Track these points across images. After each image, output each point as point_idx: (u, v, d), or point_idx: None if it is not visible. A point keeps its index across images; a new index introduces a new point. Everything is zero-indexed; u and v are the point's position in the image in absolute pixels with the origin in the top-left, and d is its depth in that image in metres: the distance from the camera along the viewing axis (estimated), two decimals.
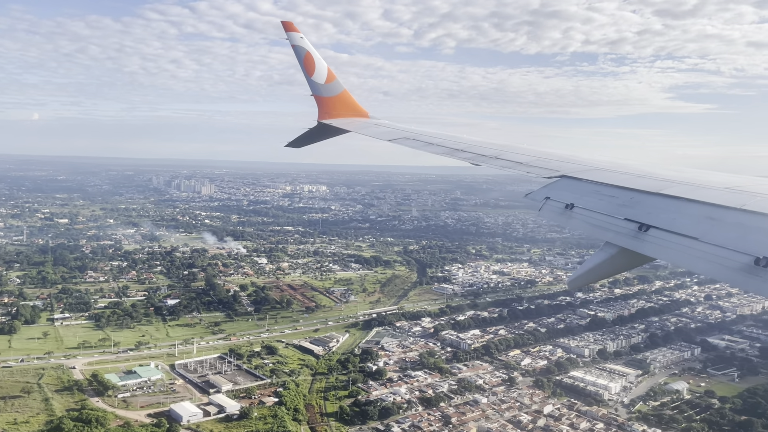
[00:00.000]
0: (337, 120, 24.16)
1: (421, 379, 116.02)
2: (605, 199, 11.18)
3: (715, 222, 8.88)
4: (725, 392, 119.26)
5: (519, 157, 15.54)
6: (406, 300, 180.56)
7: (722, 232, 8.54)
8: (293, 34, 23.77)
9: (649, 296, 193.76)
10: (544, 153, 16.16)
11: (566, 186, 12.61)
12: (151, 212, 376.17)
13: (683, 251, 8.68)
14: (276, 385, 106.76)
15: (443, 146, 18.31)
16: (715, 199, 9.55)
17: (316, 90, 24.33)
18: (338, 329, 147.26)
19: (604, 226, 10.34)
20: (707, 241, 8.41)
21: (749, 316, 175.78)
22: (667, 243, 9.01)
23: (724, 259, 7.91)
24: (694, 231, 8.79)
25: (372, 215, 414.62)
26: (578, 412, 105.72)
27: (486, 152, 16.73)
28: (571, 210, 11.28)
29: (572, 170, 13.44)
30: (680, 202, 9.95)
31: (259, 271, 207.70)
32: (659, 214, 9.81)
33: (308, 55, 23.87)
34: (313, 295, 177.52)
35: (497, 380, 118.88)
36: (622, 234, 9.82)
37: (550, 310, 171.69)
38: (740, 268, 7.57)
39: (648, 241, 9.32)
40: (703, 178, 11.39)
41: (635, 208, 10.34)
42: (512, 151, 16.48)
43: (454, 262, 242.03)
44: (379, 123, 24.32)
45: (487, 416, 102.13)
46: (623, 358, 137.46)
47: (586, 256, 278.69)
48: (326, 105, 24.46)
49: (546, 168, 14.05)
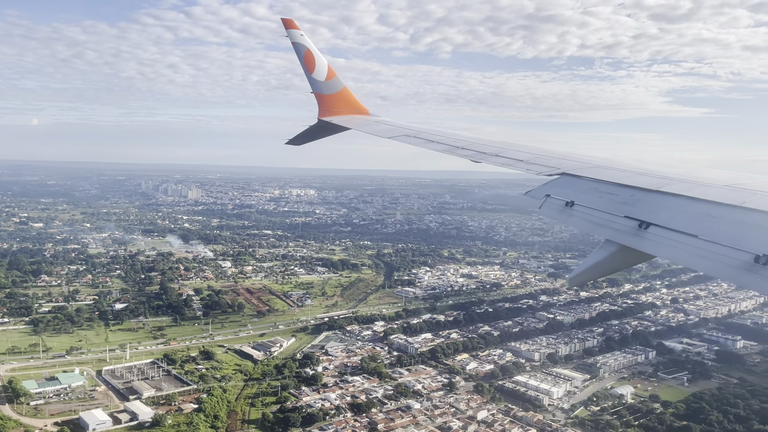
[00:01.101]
0: (337, 117, 24.02)
1: (357, 384, 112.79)
2: (605, 196, 11.20)
3: (715, 219, 8.88)
4: (672, 397, 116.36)
5: (519, 155, 15.51)
6: (365, 304, 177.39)
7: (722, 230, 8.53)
8: (293, 31, 23.70)
9: (615, 299, 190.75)
10: (545, 150, 16.04)
11: (566, 183, 12.59)
12: (131, 216, 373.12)
13: (683, 249, 8.65)
14: (201, 391, 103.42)
15: (444, 143, 18.34)
16: (715, 196, 9.53)
17: (316, 87, 24.14)
18: (286, 334, 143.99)
19: (604, 223, 10.33)
20: (707, 238, 8.40)
21: (713, 320, 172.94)
22: (667, 240, 9.01)
23: (724, 256, 7.90)
24: (694, 228, 8.78)
25: (356, 219, 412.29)
26: (513, 417, 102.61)
27: (486, 150, 16.72)
28: (572, 207, 11.25)
29: (572, 168, 13.42)
30: (680, 199, 9.96)
31: (220, 275, 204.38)
32: (659, 211, 9.79)
33: (308, 53, 23.71)
34: (269, 299, 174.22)
35: (437, 385, 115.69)
36: (622, 231, 9.81)
37: (508, 314, 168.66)
38: (740, 265, 7.56)
39: (648, 238, 9.31)
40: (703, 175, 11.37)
41: (635, 205, 10.34)
42: (512, 148, 16.49)
43: (425, 265, 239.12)
44: (380, 120, 24.22)
45: (417, 422, 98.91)
46: (574, 362, 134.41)
47: (562, 260, 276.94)
48: (326, 102, 24.26)
49: (546, 165, 14.00)
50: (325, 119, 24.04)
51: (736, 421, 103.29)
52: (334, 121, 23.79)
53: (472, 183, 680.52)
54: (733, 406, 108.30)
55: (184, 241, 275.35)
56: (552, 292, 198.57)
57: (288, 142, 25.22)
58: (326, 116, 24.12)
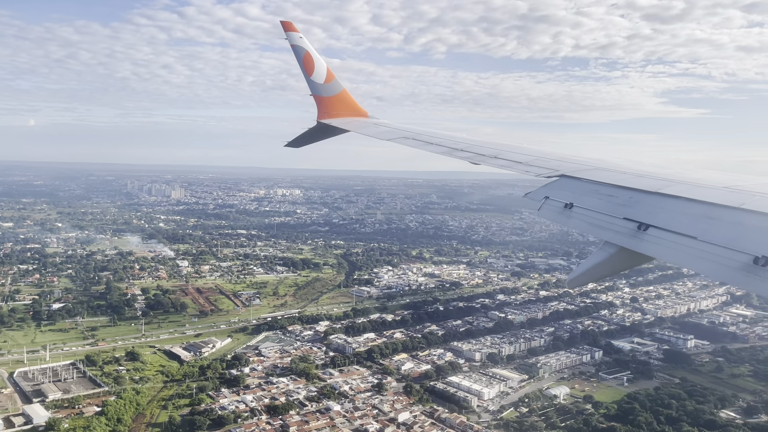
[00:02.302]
0: (336, 120, 24.02)
1: (282, 386, 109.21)
2: (604, 198, 11.22)
3: (714, 221, 8.90)
4: (607, 397, 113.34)
5: (518, 157, 15.48)
6: (316, 303, 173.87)
7: (721, 231, 8.53)
8: (292, 33, 23.62)
9: (573, 298, 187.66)
10: (543, 152, 16.03)
11: (565, 185, 12.56)
12: (108, 216, 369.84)
13: (682, 250, 8.66)
14: (113, 393, 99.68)
15: (442, 145, 18.37)
16: (714, 198, 9.57)
17: (315, 90, 24.12)
18: (224, 334, 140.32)
19: (603, 225, 10.36)
20: (706, 240, 8.40)
21: (669, 319, 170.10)
22: (666, 242, 9.03)
23: (723, 258, 7.89)
24: (693, 230, 8.80)
25: (335, 219, 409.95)
26: (437, 419, 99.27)
27: (485, 152, 16.75)
28: (571, 209, 11.26)
29: (571, 170, 13.39)
30: (679, 201, 9.98)
31: (174, 275, 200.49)
32: (658, 213, 9.83)
33: (307, 55, 23.67)
34: (217, 299, 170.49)
35: (367, 386, 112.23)
36: (622, 233, 9.84)
37: (460, 313, 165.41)
38: (739, 267, 7.56)
39: (647, 240, 9.33)
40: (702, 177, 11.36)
41: (634, 207, 10.35)
42: (511, 150, 16.49)
43: (389, 264, 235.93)
44: (379, 123, 24.19)
45: (334, 425, 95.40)
46: (516, 362, 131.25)
47: (532, 259, 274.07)
48: (326, 105, 24.25)
49: (545, 167, 13.95)
50: (324, 121, 24.04)
51: (666, 422, 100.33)
52: (333, 123, 23.75)
53: (464, 183, 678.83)
54: (667, 407, 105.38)
55: (152, 241, 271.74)
56: (511, 291, 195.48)
57: (287, 145, 25.15)
58: (325, 118, 24.13)
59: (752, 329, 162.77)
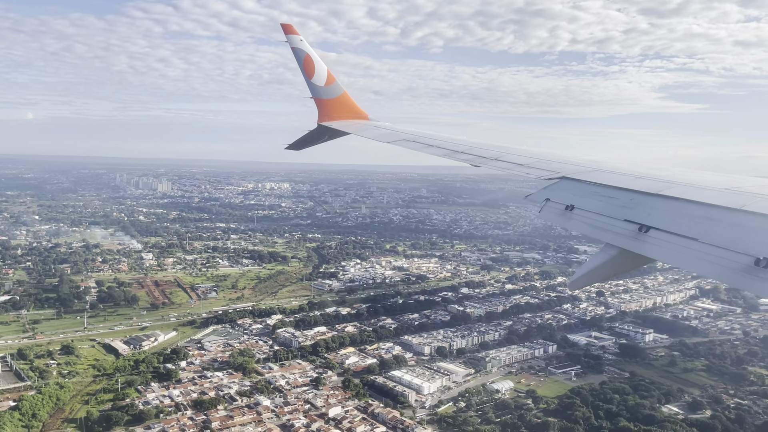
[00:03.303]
0: (337, 122, 24.09)
1: (216, 380, 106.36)
2: (605, 200, 11.22)
3: (715, 223, 8.90)
4: (551, 392, 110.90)
5: (519, 159, 15.59)
6: (274, 297, 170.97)
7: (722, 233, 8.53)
8: (293, 36, 23.51)
9: (539, 292, 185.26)
10: (544, 154, 16.10)
11: (566, 187, 12.60)
12: (88, 209, 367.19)
13: (683, 252, 8.64)
14: (35, 387, 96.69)
15: (443, 148, 18.44)
16: (715, 200, 9.60)
17: (315, 92, 24.16)
18: (170, 327, 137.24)
19: (604, 227, 10.36)
20: (707, 241, 8.40)
21: (633, 313, 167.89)
22: (667, 244, 8.99)
23: (724, 259, 7.89)
24: (694, 232, 8.78)
25: (319, 212, 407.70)
26: (370, 414, 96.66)
27: (486, 154, 16.84)
28: (572, 211, 11.27)
29: (572, 171, 13.45)
30: (680, 203, 9.99)
31: (136, 267, 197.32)
32: (659, 215, 9.85)
33: (308, 58, 23.68)
34: (173, 292, 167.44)
35: (305, 380, 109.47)
36: (622, 235, 9.79)
37: (419, 306, 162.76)
38: (740, 268, 7.56)
39: (648, 242, 9.30)
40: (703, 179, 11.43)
41: (635, 209, 10.36)
42: (512, 152, 16.54)
43: (359, 257, 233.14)
44: (379, 125, 24.17)
45: (261, 420, 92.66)
46: (466, 356, 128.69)
47: (508, 252, 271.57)
48: (326, 107, 24.30)
49: (546, 169, 13.97)
50: (325, 124, 24.03)
51: (605, 417, 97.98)
52: (334, 126, 23.80)
53: (459, 178, 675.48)
54: (608, 402, 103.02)
55: (119, 233, 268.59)
56: (477, 284, 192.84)
57: (288, 147, 25.16)
58: (326, 121, 24.14)
59: (715, 323, 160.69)
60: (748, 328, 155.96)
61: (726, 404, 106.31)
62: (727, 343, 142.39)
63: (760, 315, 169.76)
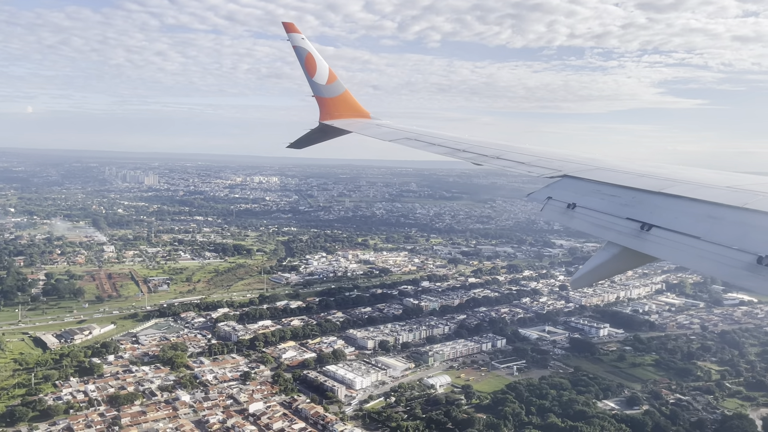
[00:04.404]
0: (338, 121, 24.08)
1: (140, 375, 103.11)
2: (607, 198, 11.25)
3: (717, 221, 8.90)
4: (490, 387, 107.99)
5: (521, 157, 15.59)
6: (227, 290, 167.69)
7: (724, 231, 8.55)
8: (294, 35, 23.49)
9: (500, 286, 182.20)
10: (546, 152, 16.19)
11: (568, 186, 12.60)
12: (68, 201, 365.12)
13: (685, 250, 8.67)
14: None
15: (445, 146, 18.55)
16: (717, 198, 9.58)
17: (317, 91, 24.14)
18: (111, 320, 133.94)
19: (606, 225, 10.36)
20: (709, 240, 8.41)
21: (593, 307, 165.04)
22: (670, 242, 9.00)
23: (727, 258, 7.91)
24: (697, 230, 8.80)
25: (302, 206, 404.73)
26: (293, 410, 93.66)
27: (488, 152, 16.89)
28: (573, 210, 11.31)
29: (574, 170, 13.43)
30: (682, 201, 9.98)
31: (94, 260, 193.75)
32: (661, 213, 9.82)
33: (309, 56, 23.61)
34: (124, 284, 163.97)
35: (235, 375, 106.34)
36: (625, 233, 9.83)
37: (374, 300, 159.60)
38: (743, 266, 7.59)
39: (650, 240, 9.32)
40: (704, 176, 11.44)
41: (637, 207, 10.36)
42: (514, 150, 16.63)
43: (325, 251, 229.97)
44: (381, 123, 24.26)
45: (176, 416, 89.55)
46: (410, 350, 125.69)
47: (481, 246, 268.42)
48: (328, 106, 24.28)
49: (548, 168, 13.97)
50: (327, 122, 24.02)
51: (537, 412, 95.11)
52: (336, 124, 23.79)
53: (453, 173, 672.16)
54: (543, 397, 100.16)
55: (83, 225, 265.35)
56: (440, 278, 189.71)
57: (290, 146, 25.11)
58: (327, 119, 24.10)
59: (675, 318, 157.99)
60: (708, 322, 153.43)
61: (665, 400, 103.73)
62: (682, 338, 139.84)
63: (723, 310, 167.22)
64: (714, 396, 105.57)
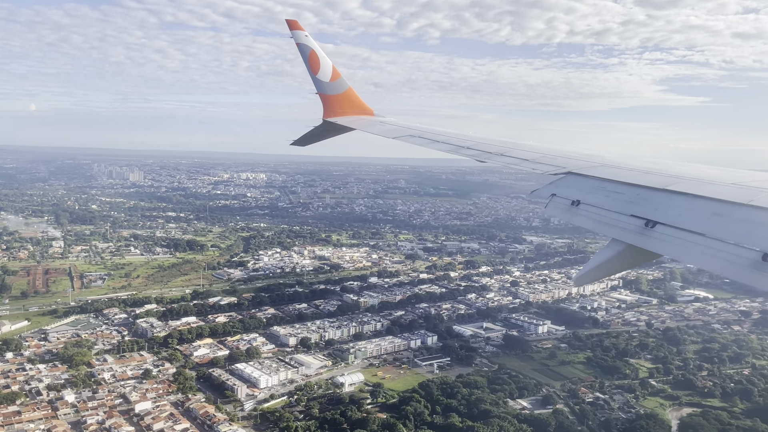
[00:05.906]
0: (342, 118, 23.98)
1: (33, 373, 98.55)
2: (611, 195, 11.20)
3: (722, 218, 8.87)
4: (404, 385, 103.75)
5: (525, 154, 15.56)
6: (165, 286, 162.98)
7: (729, 228, 8.50)
8: (298, 32, 23.30)
9: (450, 282, 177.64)
10: (550, 150, 16.05)
11: (572, 183, 12.57)
12: (46, 197, 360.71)
13: (690, 247, 8.61)
14: None
15: (449, 143, 18.60)
16: (722, 194, 9.53)
17: (321, 88, 23.97)
18: (28, 316, 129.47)
19: (610, 222, 10.31)
20: (714, 237, 8.35)
21: (540, 304, 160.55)
22: (674, 239, 8.92)
23: (732, 255, 7.86)
24: (701, 227, 8.71)
25: (282, 203, 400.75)
26: (184, 410, 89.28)
27: (491, 149, 16.93)
28: (578, 207, 11.28)
29: (578, 167, 13.36)
30: (687, 198, 9.91)
31: (37, 255, 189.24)
32: (666, 210, 9.75)
33: (313, 54, 23.45)
34: (57, 280, 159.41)
35: (135, 373, 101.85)
36: (629, 231, 9.76)
37: (313, 296, 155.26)
38: (748, 263, 7.52)
39: (655, 237, 9.24)
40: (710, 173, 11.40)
41: (642, 204, 10.33)
42: (518, 147, 16.65)
43: (281, 246, 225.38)
44: (385, 121, 24.16)
45: (55, 416, 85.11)
46: (333, 347, 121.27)
47: (447, 242, 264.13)
48: (331, 103, 24.12)
49: (552, 165, 13.97)
50: (330, 120, 23.90)
51: (442, 412, 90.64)
52: (339, 122, 23.76)
53: (447, 170, 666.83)
54: (452, 396, 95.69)
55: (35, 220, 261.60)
56: (390, 274, 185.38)
57: (294, 143, 25.02)
58: (331, 117, 23.97)
59: (622, 315, 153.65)
60: (656, 319, 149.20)
61: (582, 399, 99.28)
62: (623, 335, 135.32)
63: (675, 306, 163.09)
64: (635, 395, 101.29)
